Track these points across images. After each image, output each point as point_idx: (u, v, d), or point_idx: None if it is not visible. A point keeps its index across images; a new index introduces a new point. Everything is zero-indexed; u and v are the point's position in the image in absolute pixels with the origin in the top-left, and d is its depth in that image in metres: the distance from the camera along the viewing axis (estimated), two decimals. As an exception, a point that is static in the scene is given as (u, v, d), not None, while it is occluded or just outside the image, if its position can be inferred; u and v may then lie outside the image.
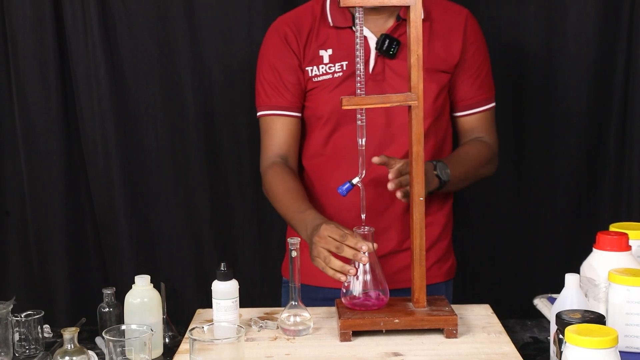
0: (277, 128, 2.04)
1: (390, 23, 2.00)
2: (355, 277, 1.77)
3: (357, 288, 1.79)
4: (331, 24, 2.01)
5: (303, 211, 1.90)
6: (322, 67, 2.00)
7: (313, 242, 1.77)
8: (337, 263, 1.74)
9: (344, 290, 1.80)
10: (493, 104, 2.12)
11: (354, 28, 1.93)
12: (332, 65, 2.00)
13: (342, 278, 1.75)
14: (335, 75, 1.99)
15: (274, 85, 2.03)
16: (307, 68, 2.01)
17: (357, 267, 1.76)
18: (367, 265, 1.77)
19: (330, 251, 1.73)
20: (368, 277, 1.78)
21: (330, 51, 2.00)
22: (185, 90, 2.62)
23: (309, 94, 2.03)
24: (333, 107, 1.98)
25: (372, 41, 1.98)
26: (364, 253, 1.72)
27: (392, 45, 1.95)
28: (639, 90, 2.54)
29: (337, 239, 1.73)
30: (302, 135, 2.09)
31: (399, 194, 1.81)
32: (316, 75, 2.01)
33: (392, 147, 1.98)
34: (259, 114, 2.08)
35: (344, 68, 1.99)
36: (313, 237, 1.77)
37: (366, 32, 1.98)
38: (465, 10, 2.05)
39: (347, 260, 1.74)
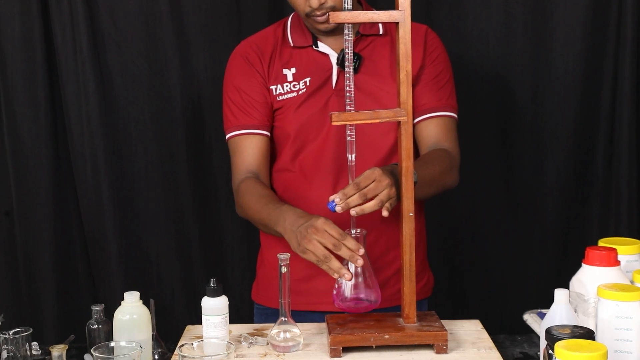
0: (247, 146, 2.02)
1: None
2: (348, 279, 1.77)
3: (348, 289, 1.79)
4: (292, 45, 2.02)
5: (280, 207, 1.87)
6: (287, 86, 2.00)
7: (307, 234, 1.73)
8: (336, 264, 1.72)
9: (335, 292, 1.80)
10: (453, 115, 2.05)
11: (314, 47, 2.00)
12: (297, 83, 2.00)
13: (335, 275, 1.74)
14: (300, 92, 2.00)
15: (241, 106, 2.02)
16: (271, 87, 2.01)
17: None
18: (359, 267, 1.77)
19: (326, 247, 1.72)
20: (360, 279, 1.79)
21: (293, 70, 2.01)
22: (175, 107, 2.62)
23: (276, 113, 2.03)
24: (299, 125, 2.00)
25: (333, 57, 2.00)
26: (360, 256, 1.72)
27: (353, 60, 1.95)
28: (626, 107, 2.56)
29: (336, 237, 1.72)
30: (272, 155, 2.07)
31: (352, 212, 1.74)
32: (281, 94, 2.01)
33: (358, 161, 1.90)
34: (227, 136, 2.05)
35: (308, 84, 1.99)
36: (302, 227, 1.74)
37: (327, 49, 2.00)
38: (425, 26, 2.07)
39: (340, 259, 1.73)
